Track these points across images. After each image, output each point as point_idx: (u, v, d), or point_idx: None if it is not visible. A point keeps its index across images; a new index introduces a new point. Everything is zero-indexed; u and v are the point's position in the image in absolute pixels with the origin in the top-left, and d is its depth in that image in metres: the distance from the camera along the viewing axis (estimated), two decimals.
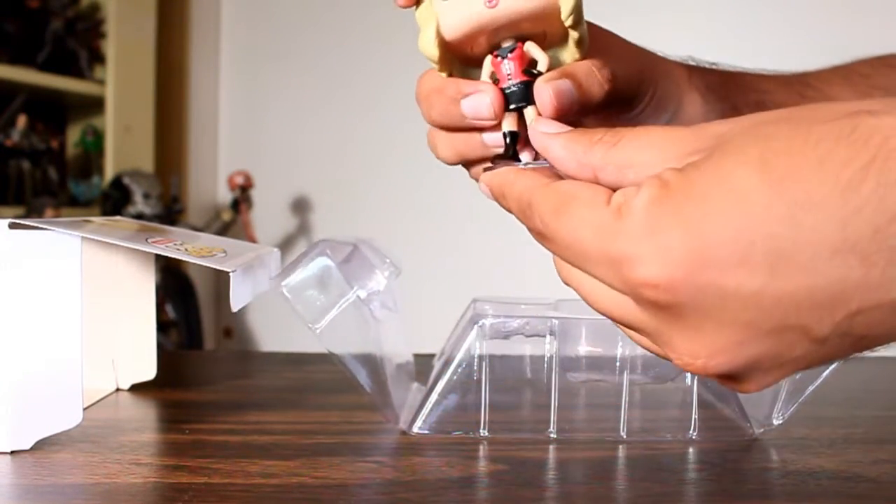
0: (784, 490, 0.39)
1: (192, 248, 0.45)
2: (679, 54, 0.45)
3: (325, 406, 0.54)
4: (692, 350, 0.26)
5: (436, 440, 0.46)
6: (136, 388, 0.57)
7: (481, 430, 0.47)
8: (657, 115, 0.41)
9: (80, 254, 0.42)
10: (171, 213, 2.04)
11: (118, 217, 0.56)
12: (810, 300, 0.24)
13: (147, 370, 0.57)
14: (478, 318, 0.47)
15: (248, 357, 1.10)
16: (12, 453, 0.41)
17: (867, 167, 0.23)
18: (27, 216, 1.66)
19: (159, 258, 0.51)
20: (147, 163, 2.18)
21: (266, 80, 2.49)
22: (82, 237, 0.42)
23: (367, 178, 2.32)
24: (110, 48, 2.12)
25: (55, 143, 2.12)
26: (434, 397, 0.47)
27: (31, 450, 0.42)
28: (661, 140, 0.27)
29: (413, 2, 0.33)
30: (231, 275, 0.43)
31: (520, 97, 0.33)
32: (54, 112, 2.21)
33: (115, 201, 1.95)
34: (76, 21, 2.08)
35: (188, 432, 0.46)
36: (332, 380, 0.61)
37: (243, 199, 2.24)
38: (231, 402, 0.55)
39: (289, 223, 2.45)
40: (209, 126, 2.54)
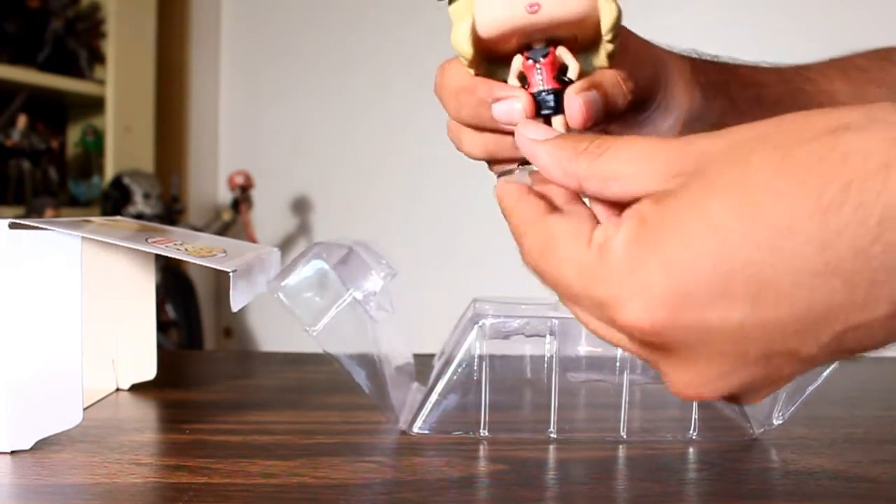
0: (784, 490, 0.39)
1: (192, 248, 0.45)
2: (683, 47, 0.45)
3: (325, 406, 0.54)
4: (685, 380, 0.27)
5: (436, 440, 0.46)
6: (136, 388, 0.57)
7: (481, 430, 0.47)
8: (665, 116, 0.41)
9: (80, 254, 0.42)
10: (171, 213, 2.04)
11: (118, 217, 0.56)
12: (795, 325, 0.24)
13: (147, 370, 0.57)
14: (478, 318, 0.47)
15: (248, 357, 1.10)
16: (12, 453, 0.41)
17: (846, 188, 0.23)
18: (27, 216, 1.66)
19: (159, 258, 0.51)
20: (147, 163, 2.18)
21: (266, 80, 2.49)
22: (82, 237, 0.42)
23: (367, 178, 2.32)
24: (110, 48, 2.12)
25: (55, 143, 2.12)
26: (434, 397, 0.47)
27: (31, 450, 0.42)
28: (645, 154, 0.27)
29: None
30: (231, 275, 0.43)
31: (550, 105, 0.33)
32: (54, 112, 2.21)
33: (115, 201, 1.95)
34: (76, 21, 2.08)
35: (188, 432, 0.46)
36: (332, 380, 0.61)
37: (243, 199, 2.24)
38: (231, 402, 0.55)
39: (289, 223, 2.45)
40: (209, 126, 2.54)
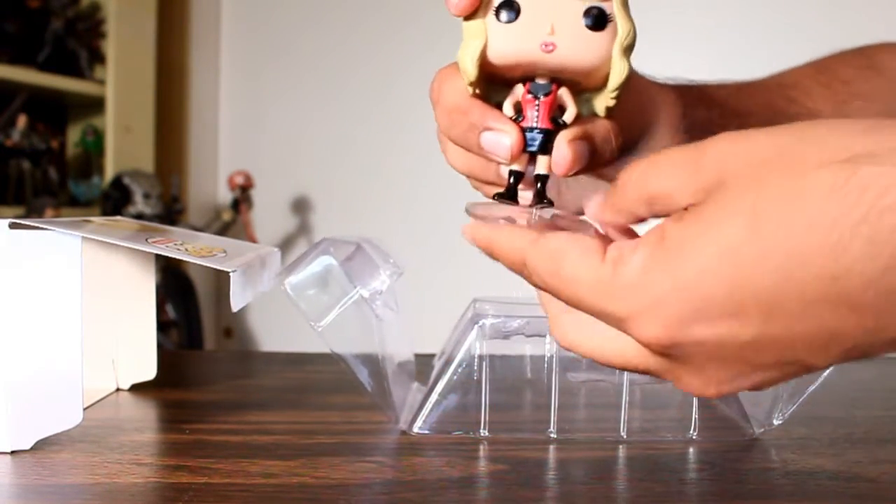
0: (784, 490, 0.39)
1: (192, 248, 0.45)
2: (669, 75, 0.45)
3: (326, 406, 0.54)
4: (700, 384, 0.28)
5: (436, 440, 0.46)
6: (136, 388, 0.57)
7: (481, 430, 0.47)
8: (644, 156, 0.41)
9: (80, 254, 0.42)
10: (171, 213, 2.04)
11: (118, 217, 0.56)
12: (805, 342, 0.25)
13: (147, 370, 0.57)
14: (478, 318, 0.47)
15: (248, 357, 1.10)
16: (12, 453, 0.41)
17: (859, 224, 0.23)
18: (27, 216, 1.66)
19: (159, 258, 0.51)
20: (147, 163, 2.18)
21: (266, 80, 2.49)
22: (82, 237, 0.42)
23: (367, 178, 2.32)
24: (110, 48, 2.12)
25: (55, 143, 2.12)
26: (434, 397, 0.47)
27: (31, 450, 0.42)
28: (676, 169, 0.28)
29: (470, 10, 0.32)
30: (231, 275, 0.43)
31: (539, 145, 0.33)
32: (54, 112, 2.21)
33: (115, 201, 1.95)
34: (76, 21, 2.08)
35: (188, 432, 0.46)
36: (333, 380, 0.61)
37: (243, 199, 2.24)
38: (231, 402, 0.55)
39: (289, 223, 2.45)
40: (209, 126, 2.54)
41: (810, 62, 0.54)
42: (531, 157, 0.33)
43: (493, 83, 0.33)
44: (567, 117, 0.33)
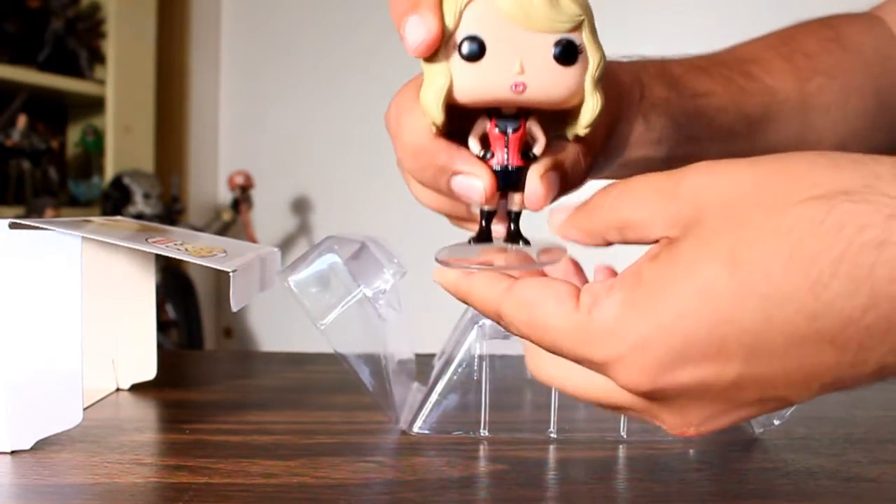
0: (784, 490, 0.39)
1: (192, 248, 0.45)
2: (635, 53, 0.44)
3: (326, 406, 0.54)
4: (681, 423, 0.28)
5: (436, 440, 0.46)
6: (136, 388, 0.57)
7: (481, 430, 0.47)
8: (608, 163, 0.40)
9: (80, 254, 0.42)
10: (171, 213, 2.04)
11: (118, 217, 0.56)
12: (786, 379, 0.25)
13: (147, 370, 0.57)
14: (478, 317, 0.47)
15: (248, 357, 1.10)
16: (12, 453, 0.41)
17: (838, 261, 0.23)
18: (27, 216, 1.66)
19: (159, 258, 0.51)
20: (147, 163, 2.18)
21: (266, 80, 2.49)
22: (82, 237, 0.42)
23: (367, 178, 2.32)
24: (110, 48, 2.12)
25: (55, 143, 2.12)
26: (434, 397, 0.47)
27: (31, 450, 0.42)
28: (650, 197, 0.27)
29: (431, 52, 0.29)
30: (231, 275, 0.43)
31: (511, 183, 0.31)
32: (54, 112, 2.21)
33: (115, 201, 1.95)
34: (76, 21, 2.08)
35: (188, 432, 0.46)
36: (333, 379, 0.61)
37: (243, 199, 2.24)
38: (231, 402, 0.55)
39: (289, 223, 2.45)
40: (209, 126, 2.54)
41: (774, 32, 0.52)
42: (503, 193, 0.32)
43: (455, 115, 0.31)
44: (537, 149, 0.31)
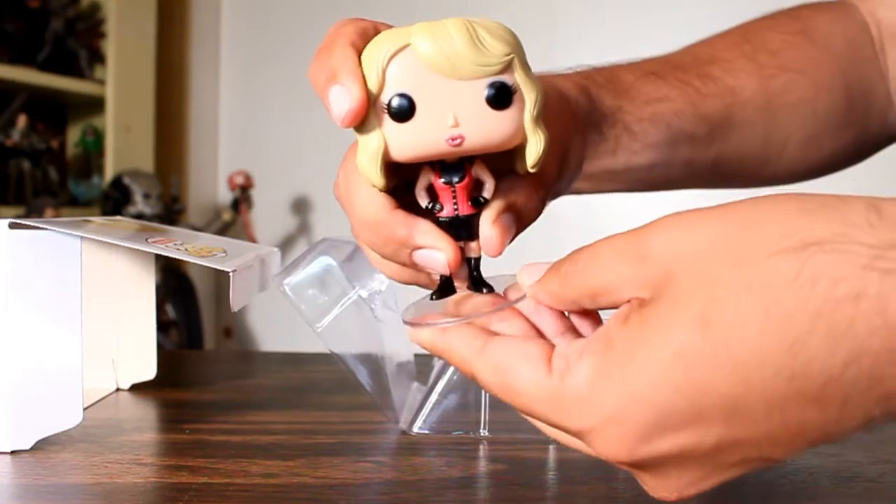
0: (784, 490, 0.39)
1: (192, 248, 0.45)
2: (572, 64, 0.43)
3: (326, 406, 0.54)
4: (665, 487, 0.27)
5: (436, 440, 0.46)
6: (136, 388, 0.57)
7: (481, 430, 0.47)
8: (561, 180, 0.38)
9: (80, 254, 0.42)
10: (171, 213, 2.04)
11: (118, 217, 0.56)
12: (769, 440, 0.24)
13: (147, 370, 0.57)
14: None
15: (248, 357, 1.10)
16: (12, 453, 0.41)
17: (815, 318, 0.22)
18: (27, 216, 1.66)
19: (159, 258, 0.51)
20: (147, 163, 2.18)
21: (266, 80, 2.49)
22: (82, 237, 0.42)
23: None
24: (110, 48, 2.12)
25: (55, 143, 2.12)
26: (434, 397, 0.47)
27: (31, 450, 0.42)
28: (617, 260, 0.26)
29: (357, 121, 0.28)
30: (231, 275, 0.43)
31: (465, 232, 0.30)
32: (54, 112, 2.21)
33: (115, 201, 1.95)
34: (76, 21, 2.08)
35: (188, 432, 0.46)
36: (333, 379, 0.61)
37: (243, 199, 2.24)
38: (231, 402, 0.55)
39: (289, 223, 2.45)
40: (209, 126, 2.54)
41: (737, 27, 0.50)
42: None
43: (397, 165, 0.30)
44: (486, 192, 0.30)
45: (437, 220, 0.30)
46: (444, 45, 0.27)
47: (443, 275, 0.31)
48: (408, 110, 0.28)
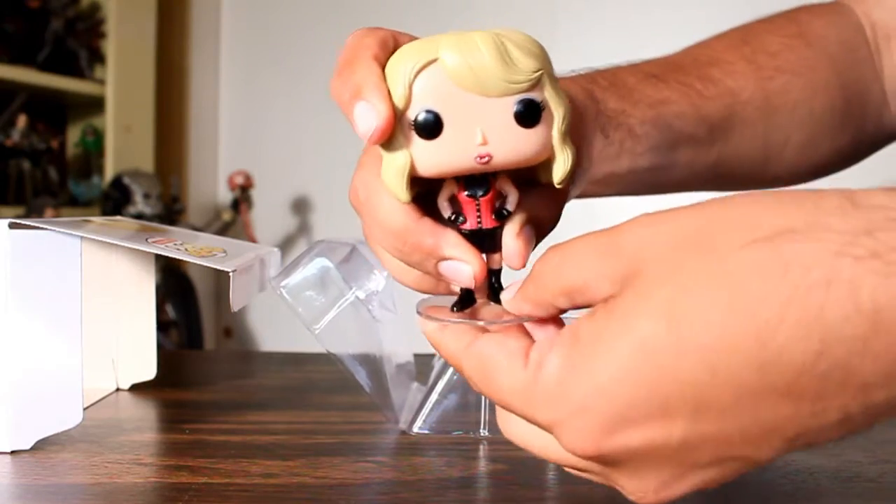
0: (784, 490, 0.39)
1: (192, 248, 0.45)
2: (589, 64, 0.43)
3: (326, 406, 0.54)
4: (639, 488, 0.26)
5: (436, 440, 0.46)
6: (136, 388, 0.57)
7: (481, 430, 0.47)
8: (576, 185, 0.39)
9: (80, 254, 0.42)
10: (171, 213, 2.04)
11: (118, 217, 0.56)
12: (741, 436, 0.23)
13: (147, 370, 0.57)
14: None
15: (248, 357, 1.10)
16: (12, 453, 0.41)
17: (785, 305, 0.22)
18: (27, 216, 1.66)
19: (159, 258, 0.51)
20: (147, 163, 2.18)
21: (266, 80, 2.49)
22: (82, 237, 0.42)
23: None
24: (110, 48, 2.12)
25: (55, 143, 2.12)
26: (434, 397, 0.47)
27: (31, 450, 0.42)
28: (589, 258, 0.26)
29: (385, 139, 0.28)
30: (231, 275, 0.43)
31: (487, 244, 0.30)
32: (54, 112, 2.21)
33: (115, 201, 1.95)
34: (76, 21, 2.09)
35: (188, 432, 0.46)
36: (333, 380, 0.61)
37: (243, 199, 2.24)
38: (231, 402, 0.55)
39: (289, 223, 2.45)
40: (209, 126, 2.54)
41: (734, 29, 0.51)
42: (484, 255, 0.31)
43: (421, 181, 0.30)
44: (510, 205, 0.30)
45: (460, 231, 0.30)
46: (471, 61, 0.27)
47: (462, 291, 0.31)
48: (434, 127, 0.27)
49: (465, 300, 0.31)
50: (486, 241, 0.30)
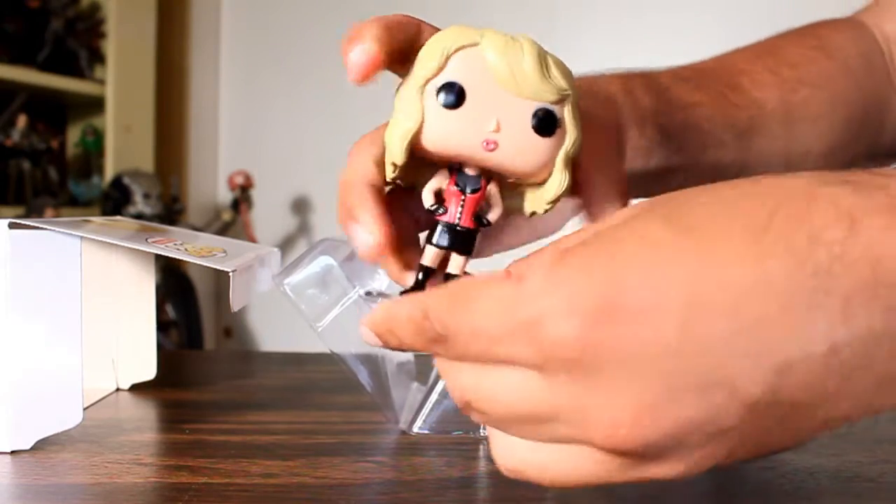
0: (784, 490, 0.39)
1: (192, 248, 0.45)
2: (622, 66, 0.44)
3: (326, 406, 0.54)
4: (613, 417, 0.23)
5: (436, 440, 0.46)
6: (136, 388, 0.57)
7: (482, 430, 0.47)
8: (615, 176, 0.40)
9: (80, 254, 0.42)
10: (171, 213, 2.04)
11: (118, 217, 0.56)
12: (732, 347, 0.22)
13: (147, 370, 0.57)
14: None
15: (248, 357, 1.10)
16: (12, 453, 0.41)
17: (774, 211, 0.23)
18: (27, 216, 1.66)
19: (159, 258, 0.51)
20: (147, 163, 2.18)
21: (266, 80, 2.49)
22: (82, 237, 0.42)
23: None
24: (110, 48, 2.12)
25: (55, 143, 2.12)
26: (434, 397, 0.47)
27: (31, 450, 0.42)
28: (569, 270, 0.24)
29: (368, 75, 0.29)
30: (231, 275, 0.43)
31: (457, 243, 0.30)
32: (54, 112, 2.21)
33: (115, 201, 1.95)
34: (76, 21, 2.09)
35: (188, 432, 0.46)
36: (333, 379, 0.61)
37: (243, 199, 2.24)
38: (231, 402, 0.55)
39: (289, 223, 2.45)
40: (209, 126, 2.54)
41: (759, 42, 0.52)
42: (447, 252, 0.31)
43: (414, 158, 0.30)
44: (492, 216, 0.30)
45: (435, 222, 0.30)
46: (513, 59, 0.28)
47: (418, 275, 0.31)
48: (456, 98, 0.28)
49: (417, 289, 0.31)
50: (456, 241, 0.30)
